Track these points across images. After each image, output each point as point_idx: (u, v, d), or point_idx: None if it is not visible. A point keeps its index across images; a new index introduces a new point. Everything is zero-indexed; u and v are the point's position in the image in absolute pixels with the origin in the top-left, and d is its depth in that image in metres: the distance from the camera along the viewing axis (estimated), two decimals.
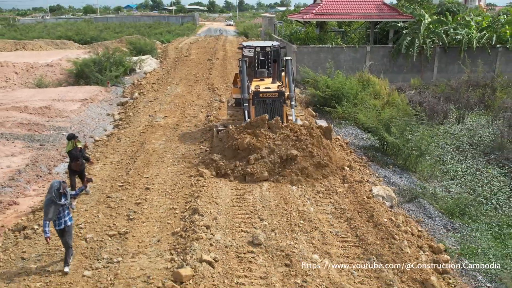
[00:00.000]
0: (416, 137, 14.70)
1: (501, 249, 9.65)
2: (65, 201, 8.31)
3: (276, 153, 12.63)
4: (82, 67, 27.33)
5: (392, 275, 8.17)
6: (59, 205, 8.19)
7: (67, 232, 8.37)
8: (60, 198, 8.21)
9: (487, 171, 14.82)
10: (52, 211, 8.12)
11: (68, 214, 8.43)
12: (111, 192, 11.80)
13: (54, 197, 8.14)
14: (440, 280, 8.16)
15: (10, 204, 11.76)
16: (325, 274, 8.10)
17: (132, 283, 7.90)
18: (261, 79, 15.74)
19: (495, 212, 11.95)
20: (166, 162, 14.12)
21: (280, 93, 14.32)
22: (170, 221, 10.15)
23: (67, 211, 8.41)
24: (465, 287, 8.25)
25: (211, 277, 7.75)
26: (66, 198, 8.34)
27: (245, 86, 14.41)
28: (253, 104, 14.41)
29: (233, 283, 7.79)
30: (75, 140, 11.45)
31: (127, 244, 9.21)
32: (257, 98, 14.29)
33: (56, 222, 8.24)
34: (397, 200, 11.72)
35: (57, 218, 8.22)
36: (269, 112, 14.00)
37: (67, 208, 8.41)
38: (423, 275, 8.11)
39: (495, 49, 29.12)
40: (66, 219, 8.34)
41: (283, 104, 14.47)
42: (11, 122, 18.15)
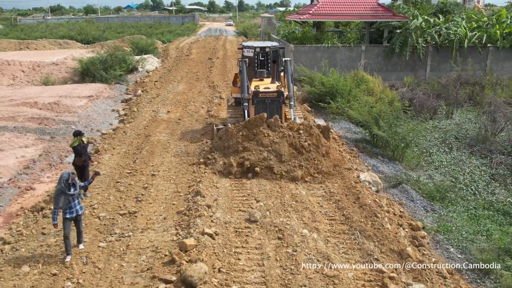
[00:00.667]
0: (402, 130, 15.70)
1: (474, 227, 10.68)
2: (74, 191, 8.79)
3: (275, 151, 12.91)
4: (87, 65, 28.38)
5: (373, 247, 9.21)
6: (68, 195, 8.68)
7: (78, 221, 9.03)
8: (69, 188, 8.70)
9: (470, 162, 15.84)
10: (62, 200, 8.64)
11: (78, 204, 8.93)
12: (120, 178, 12.85)
13: (64, 187, 8.62)
14: (415, 251, 9.18)
15: (27, 189, 12.81)
16: (313, 245, 9.14)
17: (142, 252, 8.94)
18: (261, 79, 15.94)
19: (474, 197, 12.96)
20: (169, 152, 15.17)
21: (279, 93, 14.61)
22: (175, 202, 11.20)
23: (77, 201, 8.90)
24: (438, 258, 9.28)
25: (212, 247, 8.79)
26: (75, 188, 8.85)
27: (245, 86, 14.67)
28: (253, 103, 14.66)
29: (231, 252, 8.84)
30: (81, 137, 11.83)
31: (136, 222, 10.26)
32: (257, 98, 14.56)
33: (68, 211, 8.74)
34: (383, 186, 12.77)
35: (68, 207, 8.71)
36: (268, 111, 14.26)
37: (76, 198, 8.89)
38: (400, 246, 9.14)
39: (486, 49, 30.10)
40: (77, 208, 8.88)
41: (282, 104, 14.80)
42: (22, 117, 19.19)
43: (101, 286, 7.89)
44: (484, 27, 30.38)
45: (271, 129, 13.44)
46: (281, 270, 8.23)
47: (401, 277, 8.15)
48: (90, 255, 8.83)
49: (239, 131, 13.54)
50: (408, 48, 28.72)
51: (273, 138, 13.18)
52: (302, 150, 13.04)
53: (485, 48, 30.06)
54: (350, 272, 8.30)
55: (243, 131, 13.47)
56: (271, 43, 17.39)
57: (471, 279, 8.67)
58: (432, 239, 10.13)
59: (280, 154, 12.90)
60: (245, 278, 8.02)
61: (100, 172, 9.64)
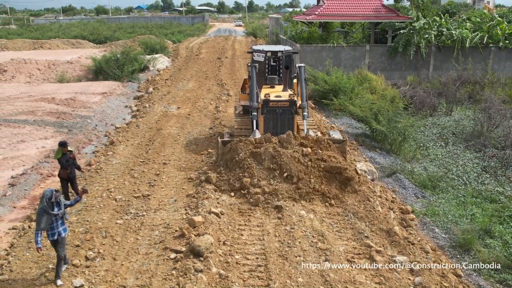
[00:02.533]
0: (400, 125, 16.58)
1: (460, 212, 11.54)
2: (58, 210, 8.03)
3: (284, 173, 11.64)
4: (101, 63, 29.53)
5: (364, 226, 10.13)
6: (51, 214, 7.92)
7: (60, 244, 8.10)
8: (52, 208, 7.95)
9: (464, 155, 16.67)
10: (44, 220, 7.86)
11: (62, 225, 8.18)
12: (134, 166, 13.90)
13: (46, 207, 7.86)
14: (403, 231, 10.09)
15: (48, 176, 13.90)
16: (309, 224, 10.09)
17: (155, 228, 9.96)
18: (272, 86, 14.78)
19: (464, 187, 13.78)
20: (180, 144, 16.20)
21: (292, 103, 13.40)
22: (185, 187, 12.22)
23: (60, 222, 8.13)
24: (423, 237, 10.18)
25: (217, 224, 9.77)
26: (59, 208, 8.08)
27: (254, 94, 13.47)
28: (262, 113, 13.47)
29: (235, 229, 9.83)
30: (65, 148, 11.02)
31: (149, 203, 11.29)
32: (267, 107, 13.34)
33: (49, 232, 8.01)
34: (378, 175, 13.68)
35: (50, 228, 7.97)
36: (279, 122, 13.39)
37: (60, 218, 8.12)
38: (389, 226, 10.05)
39: (488, 48, 30.80)
40: (60, 230, 8.10)
41: (295, 114, 13.63)
42: (41, 111, 20.34)
43: (119, 255, 8.90)
44: (485, 28, 31.06)
45: (282, 146, 12.17)
46: (279, 244, 9.19)
47: (387, 251, 9.07)
48: (108, 230, 9.85)
49: (245, 149, 12.20)
50: (411, 48, 29.50)
51: (284, 157, 11.76)
52: (315, 171, 11.75)
53: (487, 48, 30.76)
54: (341, 247, 9.24)
55: (249, 151, 12.15)
56: (283, 47, 16.50)
57: (452, 255, 9.56)
58: (420, 221, 11.03)
59: (291, 176, 11.56)
60: (247, 249, 9.00)
61: (87, 190, 8.93)
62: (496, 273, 8.76)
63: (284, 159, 11.74)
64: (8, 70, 31.74)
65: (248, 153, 12.10)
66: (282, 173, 11.66)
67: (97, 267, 8.47)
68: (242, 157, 12.02)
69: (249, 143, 12.32)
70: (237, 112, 16.93)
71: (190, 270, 7.91)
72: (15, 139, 16.87)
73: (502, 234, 10.15)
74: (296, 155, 11.90)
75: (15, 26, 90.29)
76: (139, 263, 8.61)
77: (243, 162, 11.96)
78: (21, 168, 14.13)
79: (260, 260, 8.60)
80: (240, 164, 11.99)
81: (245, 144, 12.28)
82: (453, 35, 30.13)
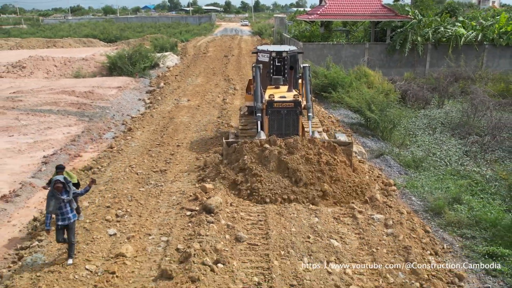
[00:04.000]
0: (391, 114, 18.25)
1: (437, 185, 13.20)
2: (66, 197, 8.33)
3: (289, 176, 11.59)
4: (116, 59, 31.43)
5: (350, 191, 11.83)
6: (59, 199, 8.25)
7: (70, 229, 8.47)
8: (62, 193, 8.31)
9: (449, 141, 18.32)
10: (52, 204, 8.23)
11: (71, 211, 8.47)
12: (151, 148, 15.71)
13: (55, 191, 8.26)
14: (383, 197, 11.78)
15: (76, 156, 15.73)
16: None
17: (173, 194, 11.75)
18: (276, 87, 14.70)
19: (445, 167, 15.44)
20: (191, 130, 17.99)
21: (296, 103, 13.26)
22: (197, 164, 14.00)
23: (69, 208, 8.42)
24: (401, 203, 11.86)
25: (225, 190, 11.52)
26: (68, 194, 8.37)
27: (259, 94, 13.52)
28: (267, 114, 13.38)
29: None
30: (61, 171, 9.31)
31: (166, 176, 13.08)
32: (271, 108, 13.26)
33: (59, 217, 8.35)
34: (367, 156, 15.37)
35: (60, 213, 8.33)
36: (284, 123, 13.33)
37: (68, 205, 8.42)
38: (371, 194, 11.74)
39: (483, 46, 32.35)
40: (69, 215, 8.43)
41: (299, 115, 13.46)
42: (63, 102, 22.21)
43: (144, 213, 10.69)
44: (479, 27, 32.63)
45: (288, 150, 11.98)
46: (277, 206, 10.92)
47: (367, 212, 10.78)
48: (133, 195, 11.65)
49: (250, 151, 12.18)
50: (408, 45, 31.13)
51: (289, 161, 11.70)
52: (321, 175, 11.65)
53: (482, 46, 32.30)
54: (329, 209, 10.95)
55: (253, 153, 12.13)
56: (288, 47, 16.50)
57: (424, 217, 11.24)
58: (400, 192, 12.71)
59: (296, 179, 11.49)
60: (250, 210, 10.73)
61: (95, 180, 9.52)
62: (458, 229, 10.44)
63: (292, 163, 11.62)
64: (27, 66, 33.72)
65: (254, 155, 12.04)
66: (288, 176, 11.55)
67: (126, 222, 10.27)
68: (247, 160, 11.95)
69: (254, 144, 12.26)
70: (242, 112, 16.86)
71: (203, 222, 9.67)
72: (43, 126, 18.75)
73: (469, 202, 11.81)
74: (303, 160, 11.74)
75: (26, 26, 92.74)
76: (161, 219, 10.39)
77: (247, 165, 11.85)
78: (51, 150, 15.97)
79: (261, 216, 10.34)
80: (245, 167, 11.89)
81: (250, 146, 12.26)
82: (449, 33, 31.73)
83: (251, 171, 11.72)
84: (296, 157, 11.74)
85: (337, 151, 12.39)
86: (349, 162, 12.52)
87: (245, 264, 8.45)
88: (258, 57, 15.45)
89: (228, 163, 12.57)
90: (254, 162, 11.91)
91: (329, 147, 12.39)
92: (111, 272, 8.12)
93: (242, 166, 11.98)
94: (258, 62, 15.14)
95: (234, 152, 12.65)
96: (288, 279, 7.94)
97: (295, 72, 15.06)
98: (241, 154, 12.25)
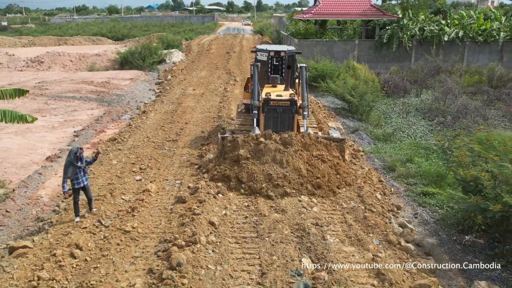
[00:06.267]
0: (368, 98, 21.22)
1: (397, 152, 16.18)
2: (81, 164, 10.04)
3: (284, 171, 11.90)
4: (127, 55, 34.55)
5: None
6: (76, 166, 9.92)
7: (86, 189, 10.36)
8: (77, 161, 9.95)
9: (418, 123, 21.28)
10: (70, 171, 9.87)
11: (84, 176, 10.26)
12: (164, 124, 18.79)
13: (73, 160, 9.87)
14: (351, 158, 14.75)
15: (100, 132, 18.78)
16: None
17: (183, 155, 14.85)
18: (274, 86, 15.11)
19: (409, 140, 18.39)
20: (197, 112, 21.04)
21: (292, 102, 13.63)
22: (202, 135, 17.03)
23: (83, 173, 10.18)
24: (365, 163, 14.84)
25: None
26: (82, 162, 10.08)
27: (256, 92, 13.81)
28: (263, 112, 13.72)
29: None
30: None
31: (178, 144, 16.14)
32: (267, 105, 13.61)
33: (75, 181, 10.06)
34: (344, 131, 18.35)
35: (75, 178, 10.02)
36: (279, 121, 13.68)
37: (82, 170, 10.16)
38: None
39: (464, 43, 35.31)
40: (83, 179, 10.22)
41: (295, 113, 13.84)
42: (84, 90, 25.29)
43: (161, 167, 13.74)
44: (460, 25, 35.60)
45: (284, 146, 12.37)
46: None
47: None
48: (152, 156, 14.73)
49: (245, 145, 12.51)
50: (394, 42, 34.09)
51: (285, 155, 12.14)
52: (314, 170, 12.16)
53: (464, 42, 35.25)
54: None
55: (248, 147, 12.45)
56: (286, 47, 16.98)
57: (381, 172, 14.22)
58: (366, 157, 15.70)
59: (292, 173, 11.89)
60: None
61: (101, 152, 11.74)
62: (405, 179, 13.43)
63: (286, 156, 12.06)
64: (45, 61, 36.84)
65: (248, 149, 12.39)
66: (283, 168, 11.90)
67: (148, 172, 13.34)
68: (242, 153, 12.30)
69: (249, 138, 12.62)
70: (239, 110, 17.39)
71: (208, 171, 12.70)
72: (69, 109, 21.83)
73: (420, 162, 14.80)
74: (297, 154, 12.22)
75: (33, 25, 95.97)
76: (175, 171, 13.46)
77: (242, 158, 12.22)
78: (79, 127, 19.04)
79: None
80: (240, 159, 12.22)
81: (246, 140, 12.62)
82: (433, 31, 34.70)
83: (245, 164, 12.05)
84: (291, 151, 12.22)
85: (331, 147, 13.04)
86: (342, 158, 13.13)
87: (239, 197, 11.46)
88: (256, 56, 15.72)
89: (220, 155, 12.90)
90: (249, 156, 12.22)
91: (322, 142, 12.94)
92: (140, 200, 11.17)
93: (236, 159, 12.32)
94: (256, 60, 15.47)
95: (229, 145, 12.83)
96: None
97: (293, 71, 15.74)
98: (236, 148, 12.54)
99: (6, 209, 11.31)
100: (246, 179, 11.71)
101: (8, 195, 12.01)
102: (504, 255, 9.14)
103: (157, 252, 8.81)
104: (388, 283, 7.76)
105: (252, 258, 8.57)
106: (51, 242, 9.25)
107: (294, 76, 15.91)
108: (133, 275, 8.10)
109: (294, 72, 15.87)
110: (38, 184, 13.01)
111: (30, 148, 16.14)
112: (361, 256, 8.73)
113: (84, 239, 9.24)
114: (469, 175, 9.66)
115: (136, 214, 10.48)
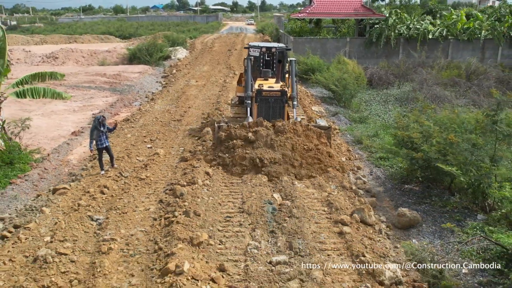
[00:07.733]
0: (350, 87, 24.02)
1: (367, 129, 18.97)
2: (103, 129, 12.79)
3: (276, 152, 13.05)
4: (135, 51, 37.54)
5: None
6: (99, 130, 12.65)
7: (108, 149, 13.09)
8: (100, 126, 12.72)
9: (394, 109, 24.06)
10: (95, 134, 12.63)
11: (105, 139, 12.89)
12: (170, 109, 21.71)
13: (97, 125, 12.65)
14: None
15: (115, 114, 21.69)
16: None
17: (186, 130, 17.71)
18: (265, 79, 15.95)
19: (381, 122, 21.16)
20: (199, 99, 23.94)
21: (283, 93, 14.51)
22: (203, 116, 19.90)
23: (104, 136, 12.82)
24: (338, 138, 17.63)
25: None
26: (104, 127, 12.85)
27: (249, 84, 14.81)
28: (256, 102, 14.59)
29: None
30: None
31: (182, 123, 19.04)
32: (260, 96, 14.47)
33: (99, 142, 12.74)
34: (326, 114, 21.17)
35: (99, 140, 12.66)
36: (271, 110, 14.54)
37: (104, 134, 12.80)
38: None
39: (448, 40, 38.03)
40: (105, 141, 12.89)
41: (285, 103, 14.72)
42: (98, 81, 28.25)
43: (167, 139, 16.63)
44: (445, 23, 38.34)
45: (275, 131, 13.51)
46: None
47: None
48: (160, 131, 17.63)
49: (239, 132, 13.64)
50: (383, 39, 36.87)
51: (277, 141, 13.29)
52: (304, 152, 13.36)
53: (447, 40, 37.97)
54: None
55: (243, 134, 13.57)
56: (277, 44, 17.89)
57: (351, 145, 17.02)
58: (341, 133, 18.52)
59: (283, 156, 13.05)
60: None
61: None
62: (369, 149, 16.24)
63: (278, 142, 13.25)
64: (59, 57, 39.86)
65: (242, 135, 13.51)
66: (275, 152, 13.06)
67: (157, 142, 16.25)
68: (236, 139, 13.52)
69: (243, 126, 13.78)
70: (233, 102, 18.45)
71: (206, 140, 15.57)
72: (86, 96, 24.79)
73: (384, 136, 17.59)
74: (288, 140, 13.35)
75: (42, 25, 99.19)
76: (179, 141, 16.36)
77: (235, 144, 13.41)
78: (97, 110, 21.96)
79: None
80: (234, 145, 13.41)
81: (240, 127, 13.81)
82: (418, 29, 37.45)
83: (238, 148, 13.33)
84: (283, 138, 13.33)
85: (319, 134, 14.24)
86: (329, 144, 14.42)
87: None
88: (249, 52, 16.93)
89: (217, 142, 14.10)
90: (242, 144, 13.41)
91: (312, 129, 14.18)
92: (152, 159, 14.08)
93: (231, 146, 13.46)
94: (249, 56, 16.56)
95: (224, 133, 13.96)
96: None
97: (283, 66, 16.52)
98: (231, 136, 13.72)
99: (44, 167, 14.23)
100: (239, 160, 13.07)
101: (45, 157, 14.95)
102: (430, 196, 11.96)
103: (165, 190, 11.74)
104: (335, 208, 10.59)
105: (236, 194, 11.47)
106: (84, 186, 12.17)
107: (285, 70, 16.91)
108: (148, 203, 11.02)
109: (285, 67, 16.90)
110: (67, 151, 15.95)
111: (57, 125, 19.10)
112: (319, 194, 11.59)
113: (109, 183, 12.16)
114: (404, 135, 12.51)
115: (149, 168, 13.39)
